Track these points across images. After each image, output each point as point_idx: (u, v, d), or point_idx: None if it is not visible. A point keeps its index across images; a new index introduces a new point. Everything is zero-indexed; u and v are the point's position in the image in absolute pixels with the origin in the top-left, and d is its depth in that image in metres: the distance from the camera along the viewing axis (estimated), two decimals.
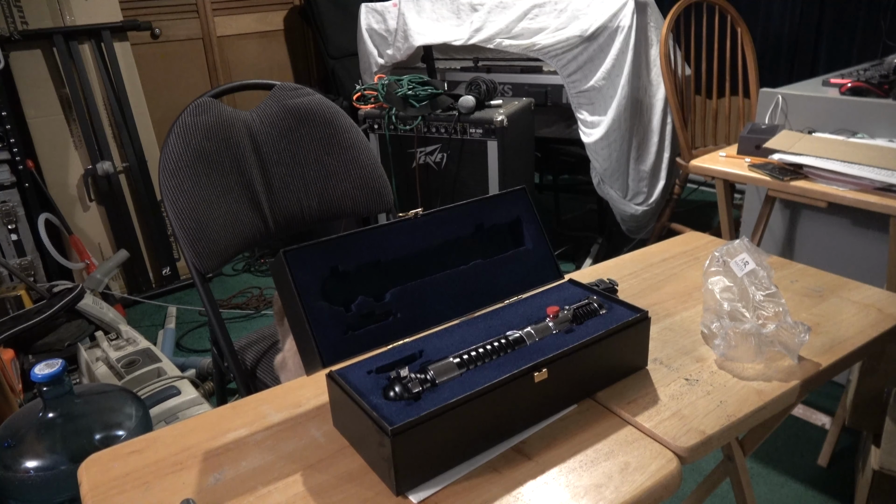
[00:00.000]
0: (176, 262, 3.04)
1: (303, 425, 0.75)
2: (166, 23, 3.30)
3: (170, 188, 1.21)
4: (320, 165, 1.39)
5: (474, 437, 0.68)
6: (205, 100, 1.30)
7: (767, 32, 3.11)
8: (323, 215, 1.41)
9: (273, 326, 1.41)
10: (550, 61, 2.62)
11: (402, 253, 0.79)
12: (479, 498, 0.63)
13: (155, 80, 3.24)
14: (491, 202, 0.86)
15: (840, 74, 1.97)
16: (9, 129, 2.48)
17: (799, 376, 0.79)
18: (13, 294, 2.29)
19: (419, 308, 0.78)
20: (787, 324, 0.80)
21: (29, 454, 1.21)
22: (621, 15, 2.45)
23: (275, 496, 0.65)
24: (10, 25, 2.51)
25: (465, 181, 2.49)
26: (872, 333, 0.87)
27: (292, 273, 0.71)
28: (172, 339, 2.55)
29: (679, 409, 0.74)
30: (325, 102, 1.41)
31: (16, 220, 2.57)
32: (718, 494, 1.57)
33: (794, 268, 1.07)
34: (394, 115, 2.48)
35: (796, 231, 2.02)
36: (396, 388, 0.67)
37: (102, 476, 0.69)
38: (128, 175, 2.88)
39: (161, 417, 1.66)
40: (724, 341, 0.80)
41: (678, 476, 0.66)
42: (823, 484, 1.64)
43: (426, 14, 2.87)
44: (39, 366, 1.18)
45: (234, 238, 1.28)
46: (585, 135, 2.63)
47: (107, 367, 1.92)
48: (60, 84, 2.67)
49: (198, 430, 0.75)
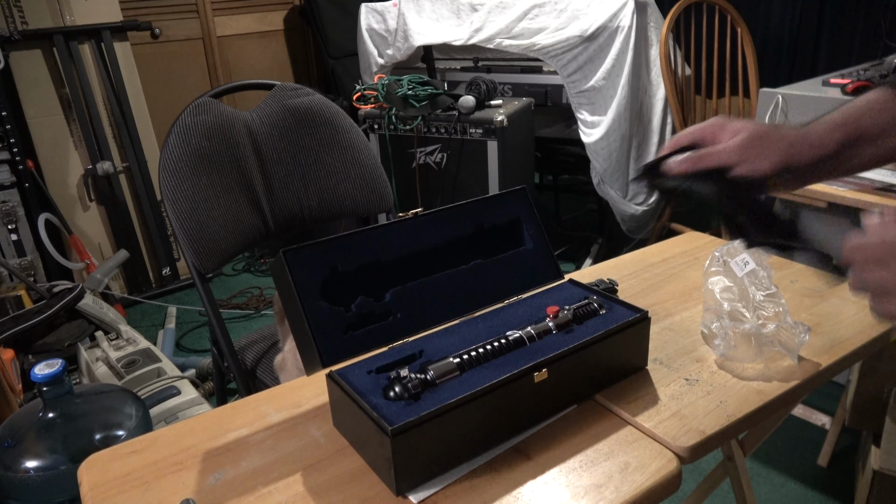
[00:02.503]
0: (176, 262, 3.04)
1: (303, 425, 0.75)
2: (166, 23, 3.30)
3: (170, 188, 1.21)
4: (320, 165, 1.39)
5: (474, 437, 0.68)
6: (205, 100, 1.30)
7: (767, 32, 3.11)
8: (323, 215, 1.41)
9: (273, 326, 1.41)
10: (550, 61, 2.62)
11: (402, 253, 0.79)
12: (479, 498, 0.63)
13: (155, 80, 3.24)
14: (491, 202, 0.86)
15: (840, 74, 1.97)
16: (9, 129, 2.48)
17: (799, 376, 0.79)
18: (13, 294, 2.29)
19: (419, 308, 0.78)
20: (787, 324, 0.80)
21: (29, 454, 1.21)
22: (621, 15, 2.45)
23: (275, 496, 0.65)
24: (10, 25, 2.51)
25: (465, 181, 2.49)
26: (872, 333, 0.87)
27: (292, 273, 0.71)
28: (172, 339, 2.55)
29: (679, 409, 0.74)
30: (325, 102, 1.41)
31: (16, 220, 2.57)
32: (718, 494, 1.57)
33: (794, 268, 1.07)
34: (394, 115, 2.48)
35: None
36: (396, 388, 0.67)
37: (102, 476, 0.69)
38: (128, 175, 2.88)
39: (161, 417, 1.66)
40: (723, 341, 0.80)
41: (678, 476, 0.66)
42: (823, 484, 1.64)
43: (426, 14, 2.87)
44: (39, 366, 1.18)
45: (234, 238, 1.28)
46: (585, 135, 2.63)
47: (107, 367, 1.92)
48: (60, 84, 2.67)
49: (198, 430, 0.75)
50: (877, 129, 0.66)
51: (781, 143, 0.66)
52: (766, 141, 0.66)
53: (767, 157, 0.66)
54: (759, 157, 0.66)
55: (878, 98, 0.67)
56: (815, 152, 0.66)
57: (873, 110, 0.67)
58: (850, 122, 0.67)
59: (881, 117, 0.66)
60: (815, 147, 0.66)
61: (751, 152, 0.65)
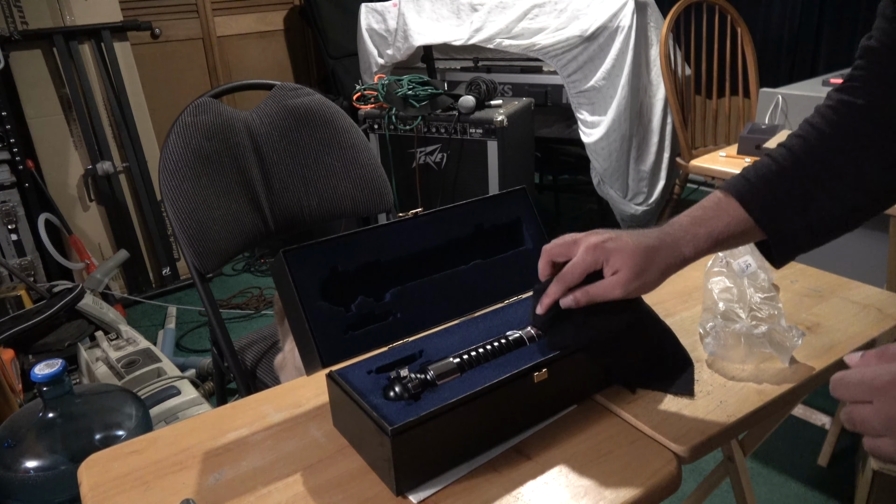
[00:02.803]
0: (176, 262, 3.04)
1: (303, 425, 0.75)
2: (166, 23, 3.30)
3: (170, 188, 1.21)
4: (320, 165, 1.39)
5: (474, 437, 0.68)
6: (205, 100, 1.30)
7: (767, 32, 3.10)
8: (323, 215, 1.41)
9: (273, 326, 1.41)
10: (550, 61, 2.62)
11: (402, 253, 0.79)
12: (479, 498, 0.63)
13: (155, 80, 3.24)
14: (491, 202, 0.86)
15: (840, 74, 1.97)
16: (9, 129, 2.48)
17: (799, 376, 0.79)
18: (13, 294, 2.29)
19: (419, 308, 0.78)
20: (781, 327, 0.80)
21: (29, 454, 1.21)
22: (621, 15, 2.45)
23: (275, 496, 0.65)
24: (10, 25, 2.51)
25: (465, 181, 2.49)
26: (872, 333, 0.87)
27: (292, 273, 0.71)
28: (172, 339, 2.55)
29: (679, 409, 0.74)
30: (325, 102, 1.41)
31: (16, 220, 2.56)
32: (718, 494, 1.57)
33: (794, 268, 1.07)
34: (394, 115, 2.48)
35: None
36: (396, 388, 0.67)
37: (102, 476, 0.69)
38: (128, 175, 2.88)
39: (161, 417, 1.66)
40: (714, 340, 0.80)
41: (678, 476, 0.66)
42: (823, 484, 1.64)
43: (426, 14, 2.87)
44: (39, 366, 1.18)
45: (234, 238, 1.28)
46: (585, 135, 2.63)
47: (107, 367, 1.92)
48: (60, 84, 2.67)
49: (198, 430, 0.75)
50: (727, 233, 0.70)
51: (662, 265, 0.68)
52: (651, 265, 0.68)
53: (654, 282, 0.69)
54: (648, 284, 0.68)
55: (714, 204, 0.71)
56: (685, 262, 0.70)
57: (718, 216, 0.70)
58: (714, 240, 0.70)
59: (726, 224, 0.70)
60: (689, 259, 0.70)
61: (637, 282, 0.67)
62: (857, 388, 0.50)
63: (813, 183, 0.68)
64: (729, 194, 0.70)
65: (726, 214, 0.69)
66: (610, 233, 0.70)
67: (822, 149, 0.69)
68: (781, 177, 0.69)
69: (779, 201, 0.69)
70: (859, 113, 0.68)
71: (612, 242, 0.68)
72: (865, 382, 0.49)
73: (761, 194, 0.69)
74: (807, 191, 0.68)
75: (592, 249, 0.68)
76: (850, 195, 0.68)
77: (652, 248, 0.68)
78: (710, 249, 0.70)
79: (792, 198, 0.69)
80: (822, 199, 0.68)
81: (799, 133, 0.71)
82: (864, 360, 0.52)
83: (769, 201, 0.69)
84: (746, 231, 0.69)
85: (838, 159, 0.68)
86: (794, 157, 0.70)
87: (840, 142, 0.68)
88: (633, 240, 0.68)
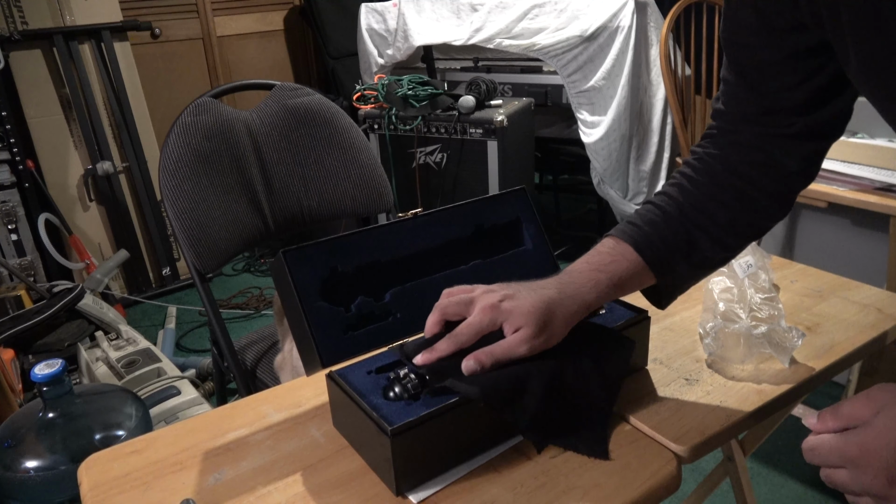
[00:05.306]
0: (176, 262, 3.04)
1: (303, 425, 0.75)
2: (166, 23, 3.30)
3: (170, 188, 1.21)
4: (320, 165, 1.39)
5: (474, 437, 0.68)
6: (205, 100, 1.30)
7: None
8: (323, 215, 1.41)
9: (273, 326, 1.41)
10: (550, 61, 2.62)
11: (402, 253, 0.79)
12: (479, 498, 0.63)
13: (155, 80, 3.24)
14: (490, 202, 0.86)
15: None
16: (9, 129, 2.48)
17: (799, 376, 0.79)
18: (13, 294, 2.29)
19: (419, 308, 0.78)
20: (781, 327, 0.80)
21: (29, 454, 1.21)
22: (621, 15, 2.45)
23: (275, 496, 0.65)
24: (10, 25, 2.51)
25: (465, 181, 2.49)
26: (872, 333, 0.87)
27: (292, 273, 0.71)
28: (172, 339, 2.55)
29: (679, 408, 0.74)
30: (325, 102, 1.41)
31: (16, 220, 2.57)
32: (718, 494, 1.57)
33: (794, 268, 1.07)
34: (394, 115, 2.48)
35: (796, 231, 2.02)
36: (396, 388, 0.67)
37: (102, 476, 0.69)
38: (128, 175, 2.88)
39: (161, 417, 1.66)
40: (713, 340, 0.80)
41: (678, 476, 0.66)
42: (823, 484, 1.64)
43: (426, 14, 2.87)
44: (39, 366, 1.18)
45: (234, 238, 1.28)
46: (585, 135, 2.63)
47: (107, 367, 1.92)
48: (60, 84, 2.67)
49: (198, 430, 0.75)
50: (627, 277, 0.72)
51: (565, 316, 0.68)
52: (553, 318, 0.67)
53: (559, 335, 0.69)
54: (554, 337, 0.68)
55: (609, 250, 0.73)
56: (589, 309, 0.71)
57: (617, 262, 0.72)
58: (614, 285, 0.71)
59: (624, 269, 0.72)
60: (592, 305, 0.70)
61: (542, 337, 0.67)
62: (829, 457, 0.52)
63: (695, 227, 0.72)
64: (622, 240, 0.72)
65: (624, 259, 0.71)
66: (506, 290, 0.69)
67: (698, 196, 0.73)
68: (667, 223, 0.72)
69: (668, 246, 0.72)
70: (720, 165, 0.73)
71: (508, 302, 0.67)
72: (835, 452, 0.51)
73: (651, 240, 0.71)
74: (690, 236, 0.72)
75: (489, 310, 0.67)
76: (725, 238, 0.73)
77: (552, 300, 0.67)
78: (612, 295, 0.71)
79: (678, 242, 0.72)
80: (703, 242, 0.72)
81: (675, 182, 0.75)
82: (821, 422, 0.53)
83: (659, 247, 0.71)
84: (639, 274, 0.72)
85: (711, 205, 0.72)
86: (676, 204, 0.73)
87: (711, 189, 0.73)
88: (532, 295, 0.67)
